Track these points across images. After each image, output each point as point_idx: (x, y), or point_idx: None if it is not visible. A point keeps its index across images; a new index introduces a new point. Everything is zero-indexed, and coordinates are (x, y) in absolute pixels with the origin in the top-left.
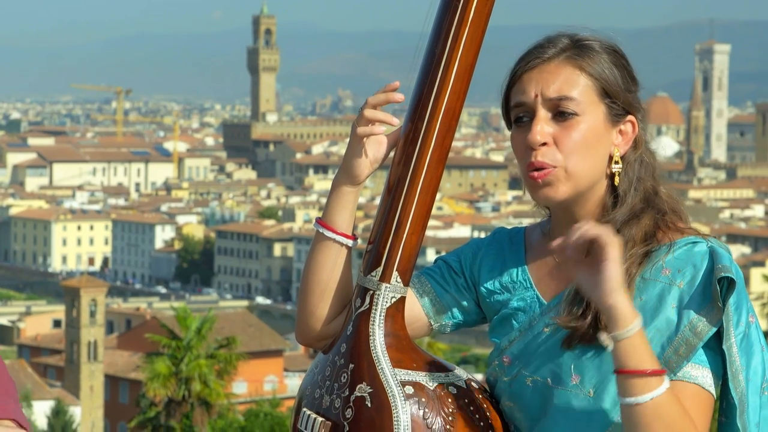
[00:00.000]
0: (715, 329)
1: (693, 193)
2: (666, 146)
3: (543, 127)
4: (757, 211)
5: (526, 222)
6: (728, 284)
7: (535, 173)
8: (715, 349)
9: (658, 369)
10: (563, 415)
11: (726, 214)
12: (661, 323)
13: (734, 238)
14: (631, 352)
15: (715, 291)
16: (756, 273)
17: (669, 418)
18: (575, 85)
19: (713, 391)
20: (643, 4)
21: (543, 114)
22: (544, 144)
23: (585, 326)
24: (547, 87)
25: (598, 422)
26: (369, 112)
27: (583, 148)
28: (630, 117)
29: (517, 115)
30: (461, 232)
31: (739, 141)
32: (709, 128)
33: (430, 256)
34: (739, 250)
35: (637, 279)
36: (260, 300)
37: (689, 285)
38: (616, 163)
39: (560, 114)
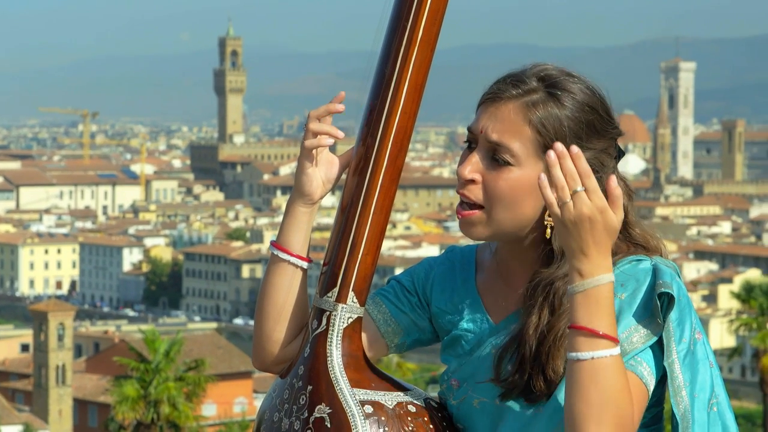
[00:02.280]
0: (650, 343)
1: (660, 211)
2: (633, 164)
3: (475, 164)
4: (724, 227)
5: None
6: (668, 300)
7: (459, 209)
8: (656, 351)
9: (607, 334)
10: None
11: (693, 231)
12: None
13: (701, 255)
14: (584, 308)
15: (656, 306)
16: (723, 290)
17: (606, 384)
18: (517, 136)
19: (648, 385)
20: (608, 22)
21: (480, 152)
22: (472, 181)
23: (522, 385)
24: (491, 128)
25: (545, 427)
26: (314, 126)
27: (509, 199)
28: None
29: (468, 139)
30: (430, 251)
31: (706, 158)
32: (675, 145)
33: None
34: (706, 267)
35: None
36: (237, 321)
37: (630, 297)
38: (550, 216)
39: (496, 159)
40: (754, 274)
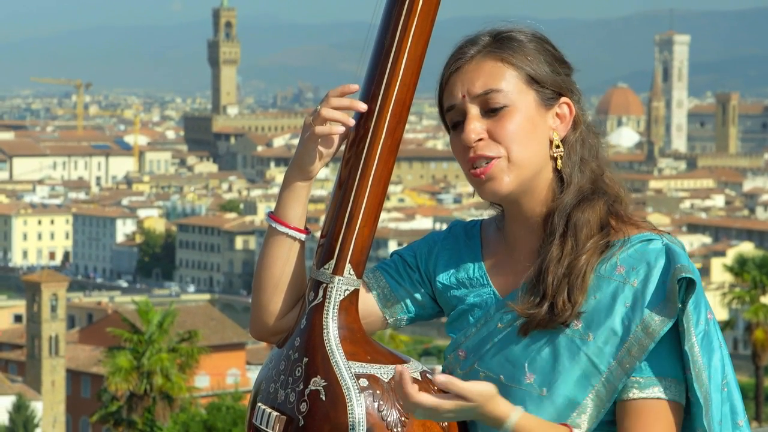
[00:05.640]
0: (667, 328)
1: (654, 184)
2: (626, 137)
3: (475, 125)
4: (718, 201)
5: (486, 214)
6: (687, 284)
7: (477, 170)
8: (674, 352)
9: None
10: None
11: (686, 204)
12: (615, 324)
13: (695, 228)
14: None
15: (673, 290)
16: (716, 263)
17: None
18: (500, 77)
19: (678, 398)
20: None
21: (474, 112)
22: (480, 140)
23: (541, 313)
24: (473, 84)
25: (551, 420)
26: (326, 111)
27: (521, 137)
28: (564, 99)
29: (453, 120)
30: (423, 223)
31: (699, 131)
32: (669, 118)
33: (393, 248)
34: (699, 240)
35: (591, 276)
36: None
37: (643, 284)
38: (557, 146)
39: (491, 109)
40: (747, 248)
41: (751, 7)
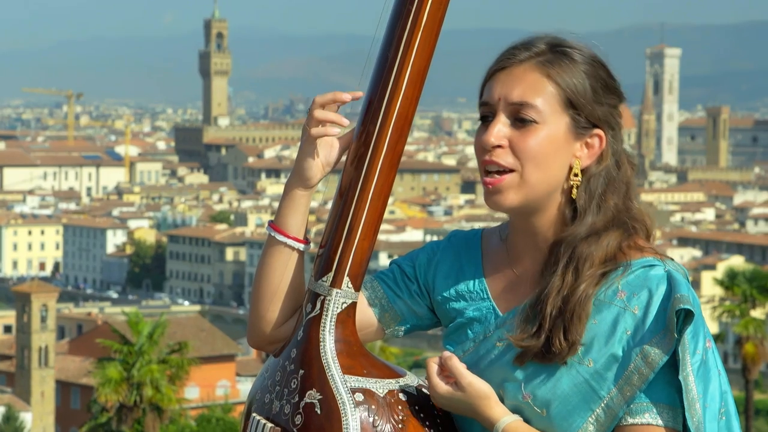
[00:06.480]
0: (667, 357)
1: (644, 197)
2: None
3: (500, 129)
4: (708, 214)
5: (478, 227)
6: (685, 315)
7: (488, 179)
8: (670, 378)
9: None
10: None
11: (677, 217)
12: (616, 350)
13: (685, 241)
14: None
15: (671, 321)
16: (707, 276)
17: None
18: (539, 92)
19: (674, 425)
20: (594, 7)
21: (503, 117)
22: (499, 146)
23: (538, 345)
24: (511, 91)
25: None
26: (319, 113)
27: (539, 156)
28: (597, 131)
29: (483, 114)
30: (414, 236)
31: (690, 145)
32: (660, 132)
33: (383, 260)
34: (690, 254)
35: (592, 300)
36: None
37: (643, 311)
38: (575, 175)
39: (520, 120)
40: (737, 261)
41: (743, 21)
